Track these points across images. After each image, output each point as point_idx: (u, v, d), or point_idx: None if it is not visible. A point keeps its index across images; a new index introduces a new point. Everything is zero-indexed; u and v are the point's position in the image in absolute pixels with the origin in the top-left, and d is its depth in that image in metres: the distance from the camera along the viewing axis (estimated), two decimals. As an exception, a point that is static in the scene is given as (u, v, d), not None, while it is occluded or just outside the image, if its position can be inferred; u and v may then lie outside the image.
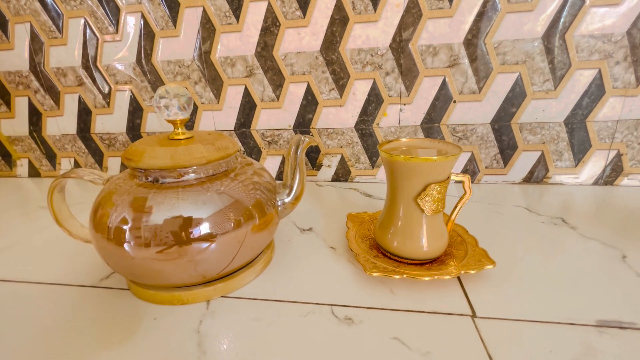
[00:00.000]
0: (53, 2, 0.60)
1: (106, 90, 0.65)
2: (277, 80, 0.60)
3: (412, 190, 0.32)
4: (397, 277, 0.31)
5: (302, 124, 0.62)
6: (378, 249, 0.37)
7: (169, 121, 0.32)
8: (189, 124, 0.65)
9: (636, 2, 0.48)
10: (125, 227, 0.28)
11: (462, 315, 0.29)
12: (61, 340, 0.28)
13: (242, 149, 0.65)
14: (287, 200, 0.37)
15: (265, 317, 0.30)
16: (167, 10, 0.58)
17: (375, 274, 0.32)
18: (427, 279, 0.31)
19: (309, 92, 0.59)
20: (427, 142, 0.36)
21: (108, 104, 0.66)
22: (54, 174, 0.75)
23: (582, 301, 0.30)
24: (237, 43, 0.58)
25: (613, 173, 0.56)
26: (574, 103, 0.53)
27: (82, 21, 0.61)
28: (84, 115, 0.68)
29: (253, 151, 0.65)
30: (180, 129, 0.33)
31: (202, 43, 0.59)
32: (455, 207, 0.36)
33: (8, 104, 0.69)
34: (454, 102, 0.56)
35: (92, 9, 0.60)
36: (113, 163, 0.71)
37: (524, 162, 0.58)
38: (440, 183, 0.32)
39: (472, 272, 0.31)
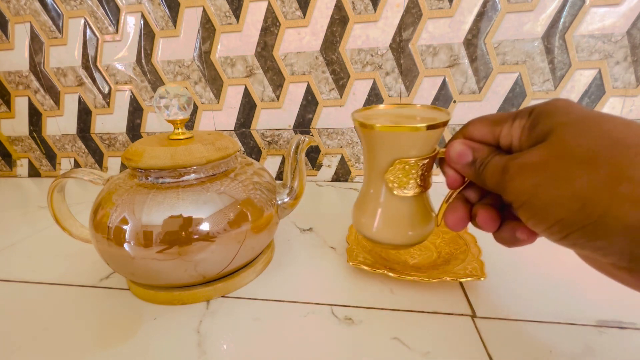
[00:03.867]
0: (53, 2, 0.60)
1: (106, 90, 0.65)
2: (277, 80, 0.60)
3: (380, 166, 0.27)
4: (379, 271, 0.32)
5: (302, 124, 0.62)
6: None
7: (169, 121, 0.32)
8: (189, 124, 0.65)
9: (636, 2, 0.48)
10: (125, 227, 0.28)
11: (462, 315, 0.29)
12: (61, 340, 0.28)
13: (242, 149, 0.65)
14: (287, 200, 0.37)
15: (265, 317, 0.30)
16: (167, 10, 0.58)
17: (351, 264, 0.33)
18: (411, 278, 0.31)
19: (309, 92, 0.59)
20: (417, 110, 0.30)
21: (108, 104, 0.66)
22: (54, 174, 0.75)
23: (582, 301, 0.30)
24: (237, 43, 0.58)
25: (613, 173, 0.56)
26: (574, 103, 0.53)
27: (82, 21, 0.61)
28: (84, 115, 0.68)
29: (253, 151, 0.65)
30: (180, 129, 0.33)
31: (202, 43, 0.59)
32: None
33: (8, 104, 0.69)
34: (454, 102, 0.56)
35: (92, 9, 0.60)
36: (113, 163, 0.71)
37: (524, 162, 0.58)
38: (416, 159, 0.26)
39: (463, 280, 0.31)
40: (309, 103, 0.60)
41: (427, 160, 0.26)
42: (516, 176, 0.19)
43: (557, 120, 0.18)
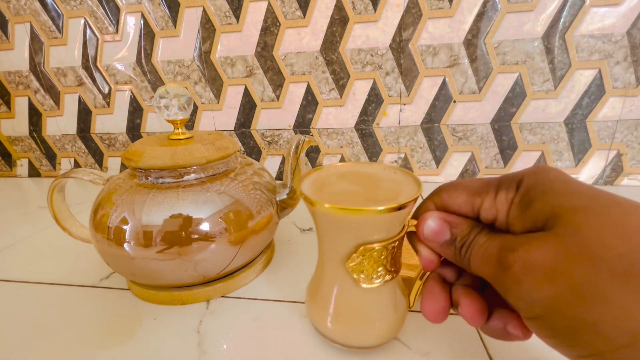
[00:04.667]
0: (53, 2, 0.60)
1: (106, 90, 0.65)
2: (277, 80, 0.60)
3: (338, 251, 0.22)
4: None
5: (302, 124, 0.62)
6: None
7: (169, 121, 0.32)
8: (189, 124, 0.65)
9: (636, 2, 0.48)
10: (125, 227, 0.28)
11: (462, 315, 0.29)
12: (61, 340, 0.28)
13: (242, 149, 0.65)
14: (287, 200, 0.37)
15: (265, 317, 0.30)
16: (167, 10, 0.58)
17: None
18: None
19: (309, 92, 0.59)
20: (381, 171, 0.25)
21: (108, 104, 0.66)
22: (54, 174, 0.75)
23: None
24: (237, 43, 0.58)
25: (613, 173, 0.56)
26: (574, 103, 0.53)
27: (82, 21, 0.61)
28: (84, 115, 0.68)
29: (253, 151, 0.65)
30: (180, 129, 0.33)
31: (202, 43, 0.59)
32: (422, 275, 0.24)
33: (8, 104, 0.69)
34: (454, 102, 0.56)
35: (92, 9, 0.60)
36: (113, 163, 0.71)
37: (524, 162, 0.58)
38: (382, 242, 0.21)
39: None
40: (309, 103, 0.60)
41: (397, 242, 0.21)
42: (523, 279, 0.14)
43: (560, 203, 0.15)
